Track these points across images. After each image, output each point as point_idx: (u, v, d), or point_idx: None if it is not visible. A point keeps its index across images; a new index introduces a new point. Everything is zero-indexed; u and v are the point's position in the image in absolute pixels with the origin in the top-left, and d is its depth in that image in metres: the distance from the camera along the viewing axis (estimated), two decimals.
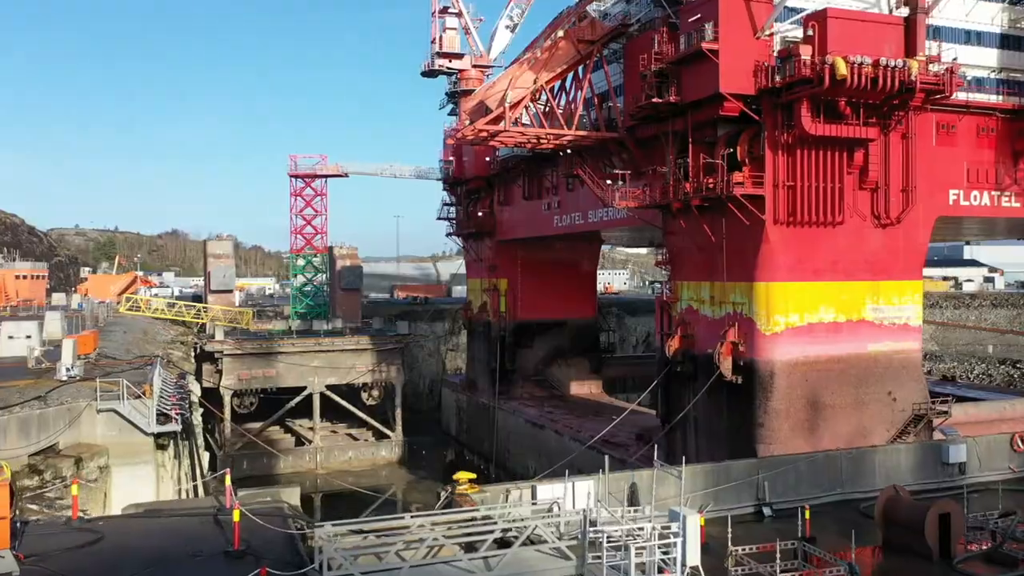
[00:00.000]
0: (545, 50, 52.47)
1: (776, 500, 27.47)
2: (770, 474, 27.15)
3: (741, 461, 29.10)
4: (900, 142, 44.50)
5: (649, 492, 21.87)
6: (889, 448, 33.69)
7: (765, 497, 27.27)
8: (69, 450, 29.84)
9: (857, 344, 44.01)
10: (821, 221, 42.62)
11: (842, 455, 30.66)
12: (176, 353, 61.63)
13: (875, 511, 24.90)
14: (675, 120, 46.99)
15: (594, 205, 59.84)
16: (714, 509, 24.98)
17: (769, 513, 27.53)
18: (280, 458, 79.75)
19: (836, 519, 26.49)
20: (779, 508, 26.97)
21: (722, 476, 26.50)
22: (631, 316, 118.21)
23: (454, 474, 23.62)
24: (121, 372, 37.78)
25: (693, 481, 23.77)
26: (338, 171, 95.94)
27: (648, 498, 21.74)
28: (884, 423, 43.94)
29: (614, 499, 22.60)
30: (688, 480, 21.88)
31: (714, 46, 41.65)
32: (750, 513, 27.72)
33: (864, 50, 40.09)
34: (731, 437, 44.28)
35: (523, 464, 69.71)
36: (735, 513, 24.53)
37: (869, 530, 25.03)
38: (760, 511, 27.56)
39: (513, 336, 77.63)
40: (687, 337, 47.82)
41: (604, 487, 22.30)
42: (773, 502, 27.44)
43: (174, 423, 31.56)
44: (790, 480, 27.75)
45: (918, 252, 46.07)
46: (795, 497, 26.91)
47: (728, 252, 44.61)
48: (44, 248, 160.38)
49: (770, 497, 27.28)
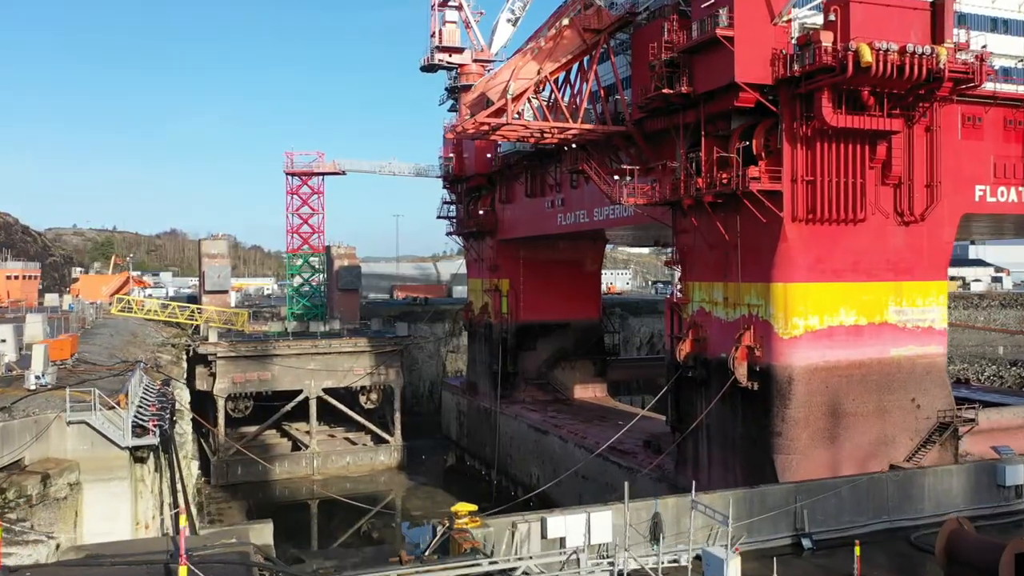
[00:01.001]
0: (549, 39, 50.13)
1: (816, 530, 24.76)
2: (809, 501, 24.57)
3: (777, 486, 26.49)
4: (924, 135, 42.25)
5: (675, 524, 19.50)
6: (939, 469, 30.93)
7: (804, 527, 24.51)
8: (36, 466, 27.51)
9: (879, 348, 41.70)
10: (842, 218, 40.35)
11: (888, 478, 28.01)
12: (165, 357, 59.30)
13: (936, 548, 22.25)
14: (686, 112, 44.74)
15: (599, 203, 57.59)
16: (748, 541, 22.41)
17: (809, 545, 24.89)
18: (275, 464, 77.64)
19: (887, 553, 23.88)
20: (820, 539, 24.24)
21: (756, 504, 23.89)
22: (634, 317, 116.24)
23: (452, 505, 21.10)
24: (99, 379, 35.48)
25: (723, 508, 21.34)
26: (335, 169, 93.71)
27: (674, 529, 19.39)
28: (908, 431, 41.63)
29: (635, 532, 20.20)
30: (718, 508, 19.53)
31: (729, 33, 39.35)
32: (788, 545, 25.05)
33: (889, 36, 37.74)
34: (746, 446, 41.99)
35: (526, 471, 67.45)
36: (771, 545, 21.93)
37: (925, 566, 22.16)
38: (799, 542, 24.91)
39: (515, 338, 75.37)
40: (699, 340, 45.54)
41: (624, 519, 19.81)
42: (813, 532, 24.78)
43: (151, 436, 29.23)
44: (831, 507, 25.18)
45: (943, 251, 43.76)
46: (836, 526, 24.40)
47: (743, 251, 42.30)
48: (38, 248, 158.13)
49: (810, 526, 24.52)
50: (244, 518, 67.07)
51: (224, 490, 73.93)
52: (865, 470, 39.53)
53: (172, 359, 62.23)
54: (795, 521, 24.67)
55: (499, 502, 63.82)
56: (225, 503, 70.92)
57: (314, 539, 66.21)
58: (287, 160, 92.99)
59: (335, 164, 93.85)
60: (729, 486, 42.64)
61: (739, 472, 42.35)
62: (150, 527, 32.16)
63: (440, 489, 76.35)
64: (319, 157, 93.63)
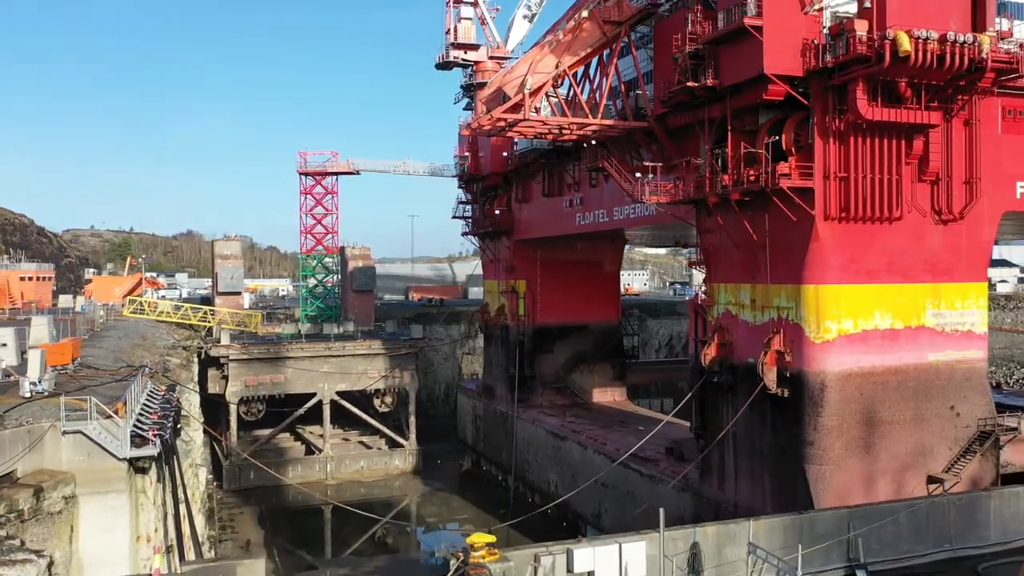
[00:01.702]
0: (568, 32, 48.42)
1: (872, 560, 22.44)
2: (864, 529, 22.54)
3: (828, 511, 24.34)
4: (963, 129, 40.20)
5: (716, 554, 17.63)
6: (1006, 492, 28.73)
7: (859, 557, 22.36)
8: (29, 478, 26.12)
9: (917, 353, 39.65)
10: (876, 216, 38.36)
11: (949, 502, 25.83)
12: (174, 360, 58.04)
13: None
14: (711, 106, 42.91)
15: (619, 202, 55.79)
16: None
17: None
18: (288, 468, 76.43)
19: None
20: (877, 570, 22.05)
21: (805, 530, 21.81)
22: (653, 318, 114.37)
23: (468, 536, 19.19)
24: (100, 385, 34.13)
25: (769, 537, 19.45)
26: (349, 168, 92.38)
27: (714, 560, 17.54)
28: (946, 441, 39.55)
29: (671, 563, 18.35)
30: (763, 536, 17.70)
31: (758, 22, 37.48)
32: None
33: (927, 24, 35.69)
34: (775, 456, 40.07)
35: (544, 478, 65.76)
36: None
37: None
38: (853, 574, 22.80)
39: (532, 340, 73.64)
40: (725, 344, 43.67)
41: (659, 549, 17.97)
42: (869, 563, 22.49)
43: (151, 446, 27.79)
44: (887, 534, 23.15)
45: (983, 251, 41.65)
46: (894, 555, 22.32)
47: (772, 251, 40.39)
48: (54, 249, 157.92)
49: (865, 556, 22.35)
50: (256, 524, 65.89)
51: (236, 495, 72.75)
52: (902, 482, 37.65)
53: (182, 362, 60.99)
54: (848, 550, 22.64)
55: (516, 509, 62.16)
56: (237, 508, 69.71)
57: (328, 545, 64.88)
58: (300, 160, 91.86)
59: (349, 164, 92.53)
60: (757, 497, 40.91)
61: (768, 483, 40.45)
62: (152, 540, 30.74)
63: (456, 495, 74.88)
64: (333, 156, 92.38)
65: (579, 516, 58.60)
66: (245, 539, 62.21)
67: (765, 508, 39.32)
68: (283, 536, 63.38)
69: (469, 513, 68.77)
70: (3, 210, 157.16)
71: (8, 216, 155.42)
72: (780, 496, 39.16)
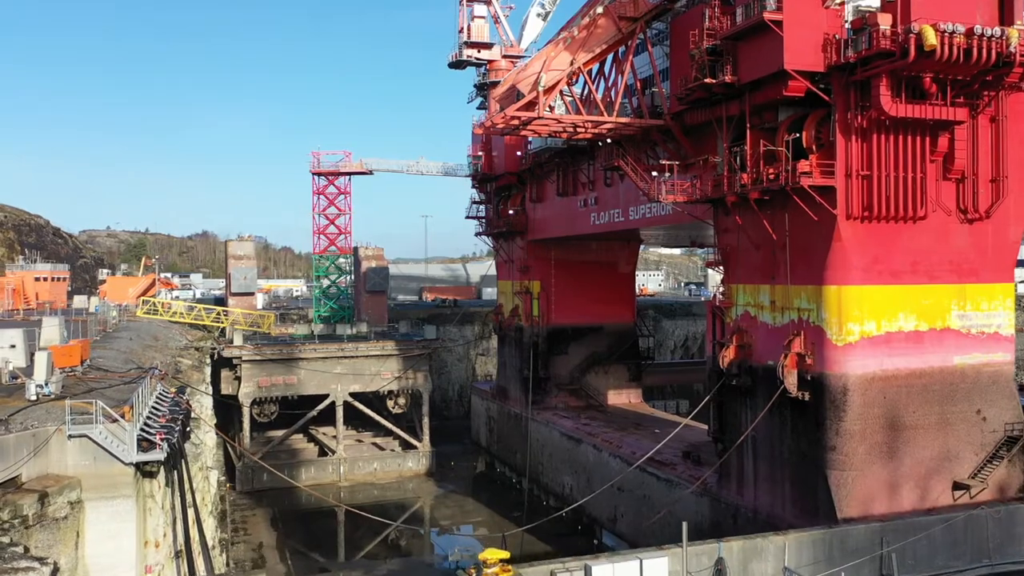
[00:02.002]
0: (583, 28, 47.65)
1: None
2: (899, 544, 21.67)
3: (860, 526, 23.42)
4: (989, 125, 39.20)
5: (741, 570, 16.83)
6: None
7: (892, 573, 21.51)
8: (34, 483, 25.62)
9: (942, 356, 38.62)
10: (900, 215, 37.41)
11: (987, 515, 24.88)
12: (186, 361, 57.65)
13: None
14: (729, 104, 42.07)
15: (635, 201, 54.98)
16: None
17: None
18: (301, 470, 76.06)
19: None
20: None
21: (836, 545, 21.08)
22: (668, 319, 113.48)
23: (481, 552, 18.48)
24: (108, 388, 33.67)
25: (798, 552, 18.65)
26: (362, 168, 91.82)
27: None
28: (972, 446, 38.47)
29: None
30: (792, 551, 16.89)
31: (777, 16, 36.61)
32: None
33: (953, 18, 34.76)
34: (796, 461, 39.10)
35: (559, 480, 65.00)
36: None
37: None
38: None
39: (546, 342, 72.83)
40: (743, 347, 42.76)
41: (683, 564, 17.20)
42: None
43: (158, 450, 27.24)
44: (922, 549, 22.28)
45: (1010, 251, 40.53)
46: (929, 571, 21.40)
47: (792, 251, 39.47)
48: (69, 250, 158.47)
49: (899, 572, 21.50)
50: (269, 526, 65.47)
51: (249, 496, 72.42)
52: (927, 488, 36.58)
53: (194, 363, 60.60)
54: (881, 566, 21.79)
55: (531, 513, 61.51)
56: (249, 510, 69.34)
57: (341, 548, 64.38)
58: (313, 160, 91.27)
59: (362, 163, 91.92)
60: (777, 503, 39.95)
61: (788, 488, 39.48)
62: (160, 545, 30.22)
63: (469, 497, 74.22)
64: (346, 156, 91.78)
65: (595, 520, 57.78)
66: (257, 542, 61.84)
67: (785, 515, 38.42)
68: (296, 538, 62.94)
69: (483, 516, 68.10)
70: (19, 211, 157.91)
71: (24, 217, 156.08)
72: (801, 502, 38.19)
